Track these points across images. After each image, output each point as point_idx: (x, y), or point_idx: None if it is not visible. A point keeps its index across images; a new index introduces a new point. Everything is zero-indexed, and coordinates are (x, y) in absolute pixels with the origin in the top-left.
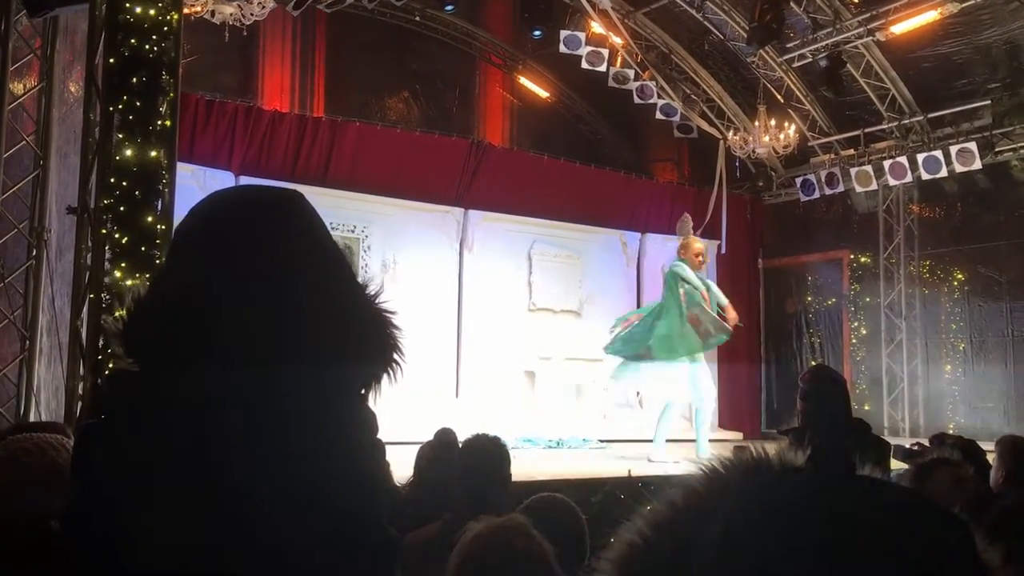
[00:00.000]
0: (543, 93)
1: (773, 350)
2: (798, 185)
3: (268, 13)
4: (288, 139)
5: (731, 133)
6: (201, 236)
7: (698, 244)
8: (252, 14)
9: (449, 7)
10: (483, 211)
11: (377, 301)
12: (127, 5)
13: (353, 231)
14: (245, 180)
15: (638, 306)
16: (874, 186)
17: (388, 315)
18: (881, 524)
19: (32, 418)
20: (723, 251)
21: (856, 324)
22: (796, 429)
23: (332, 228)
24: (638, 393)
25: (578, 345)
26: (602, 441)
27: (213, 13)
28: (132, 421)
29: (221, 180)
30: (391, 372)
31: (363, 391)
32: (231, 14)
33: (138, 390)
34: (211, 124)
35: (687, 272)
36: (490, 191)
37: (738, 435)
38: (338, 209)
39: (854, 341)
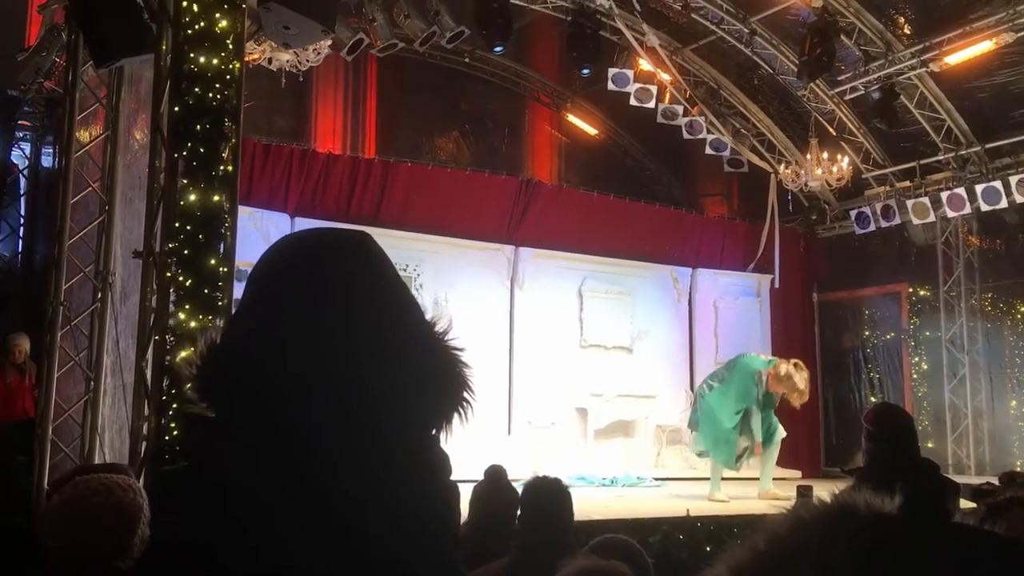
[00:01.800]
0: (591, 130)
1: (831, 386)
2: (853, 218)
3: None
4: (342, 180)
5: (782, 166)
6: (274, 280)
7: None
8: (308, 60)
9: (498, 48)
10: (533, 248)
11: (446, 339)
12: (191, 55)
13: (405, 270)
14: (300, 221)
15: (690, 342)
16: (931, 218)
17: (457, 352)
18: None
19: (96, 458)
20: (777, 285)
21: (916, 359)
22: (862, 469)
23: None
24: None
25: (630, 381)
26: (656, 479)
27: (270, 60)
28: (209, 468)
29: (277, 222)
30: (462, 411)
31: (435, 431)
32: (288, 61)
33: (215, 436)
34: (268, 167)
35: (756, 390)
36: (540, 228)
37: (796, 473)
38: (390, 248)
39: (915, 376)
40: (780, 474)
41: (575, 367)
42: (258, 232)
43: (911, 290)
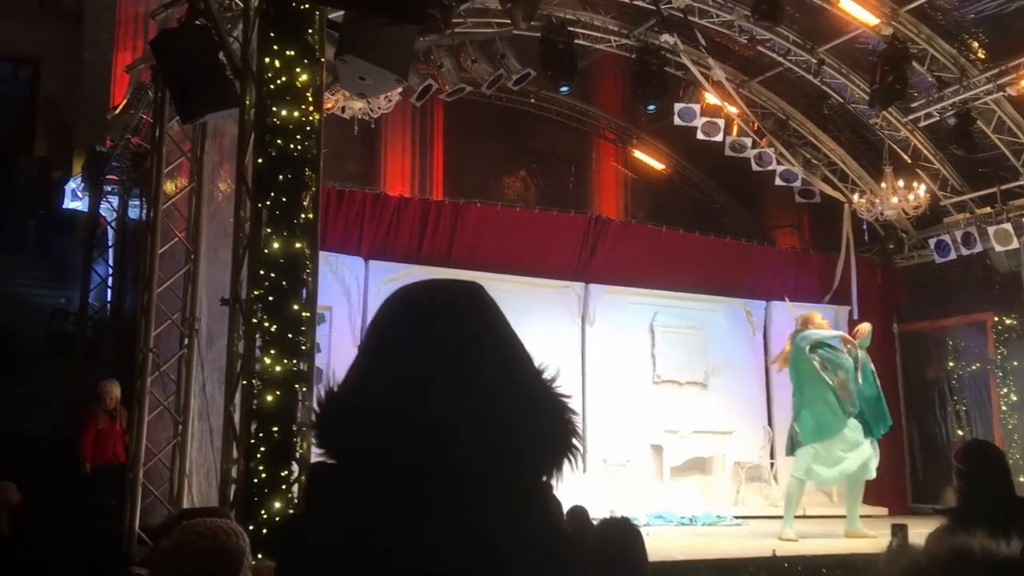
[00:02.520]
0: (658, 165)
1: (915, 419)
2: (932, 246)
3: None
4: (413, 222)
5: (856, 196)
6: (392, 330)
7: (819, 317)
8: (379, 108)
9: (564, 88)
10: (604, 285)
11: (554, 386)
12: (274, 109)
13: None
14: (374, 264)
15: (766, 377)
16: (1015, 244)
17: (565, 400)
18: None
19: (185, 500)
20: (855, 317)
21: (1005, 390)
22: (957, 510)
23: None
24: (772, 465)
25: (705, 417)
26: (736, 518)
27: (344, 109)
28: (333, 516)
29: (351, 265)
30: (572, 458)
31: (546, 477)
32: (360, 109)
33: (337, 484)
34: (342, 212)
35: (816, 333)
36: (610, 265)
37: (883, 511)
38: None
39: (1004, 408)
40: (865, 511)
41: (649, 403)
42: (333, 276)
43: (996, 319)
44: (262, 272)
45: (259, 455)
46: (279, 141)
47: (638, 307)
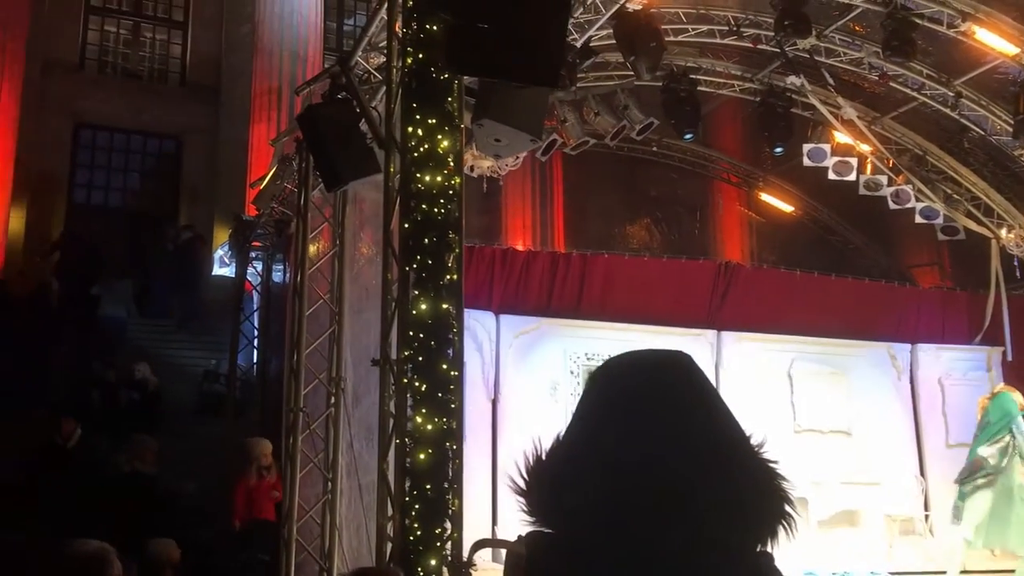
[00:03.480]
0: (787, 207)
1: None
2: None
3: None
4: (542, 275)
5: (1003, 231)
6: (600, 401)
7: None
8: (507, 165)
9: (688, 136)
10: (737, 332)
11: (762, 451)
12: (418, 175)
13: None
14: (504, 318)
15: (916, 423)
16: None
17: (773, 466)
18: None
19: (336, 556)
20: (1010, 358)
21: None
22: None
23: (587, 359)
24: (927, 518)
25: (851, 467)
26: (892, 574)
27: (472, 168)
28: None
29: (483, 320)
30: (787, 525)
31: (761, 545)
32: (489, 167)
33: (560, 555)
34: (472, 268)
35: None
36: (742, 311)
37: None
38: (591, 340)
39: None
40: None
41: (790, 453)
42: (466, 331)
43: None
44: (411, 333)
45: (413, 512)
46: (424, 206)
47: (774, 353)
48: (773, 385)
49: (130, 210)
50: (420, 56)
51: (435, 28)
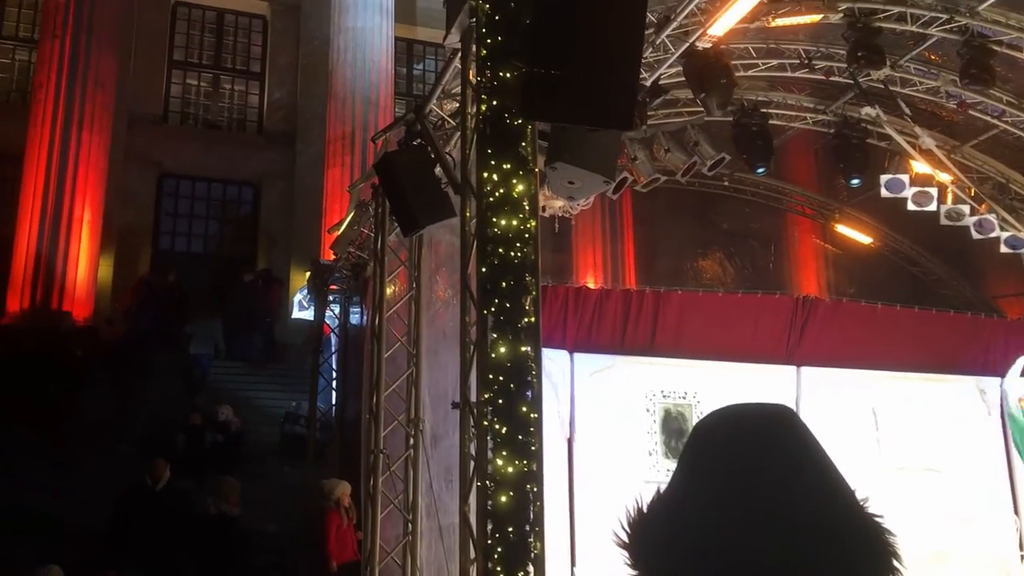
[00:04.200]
0: (864, 239)
1: None
2: None
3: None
4: (615, 313)
5: None
6: (702, 457)
7: None
8: (579, 204)
9: (760, 170)
10: (816, 367)
11: (866, 506)
12: (494, 219)
13: (684, 397)
14: (579, 356)
15: (1008, 460)
16: None
17: (879, 520)
18: None
19: None
20: None
21: None
22: None
23: (663, 396)
24: (1022, 558)
25: (942, 506)
26: None
27: (544, 208)
28: None
29: (557, 359)
30: None
31: None
32: (560, 207)
33: None
34: (545, 307)
35: None
36: (822, 346)
37: None
38: (667, 377)
39: None
40: None
41: (877, 492)
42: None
43: None
44: (490, 376)
45: (496, 555)
46: (500, 250)
47: (856, 389)
48: (857, 421)
49: (211, 255)
50: (494, 103)
51: (508, 76)
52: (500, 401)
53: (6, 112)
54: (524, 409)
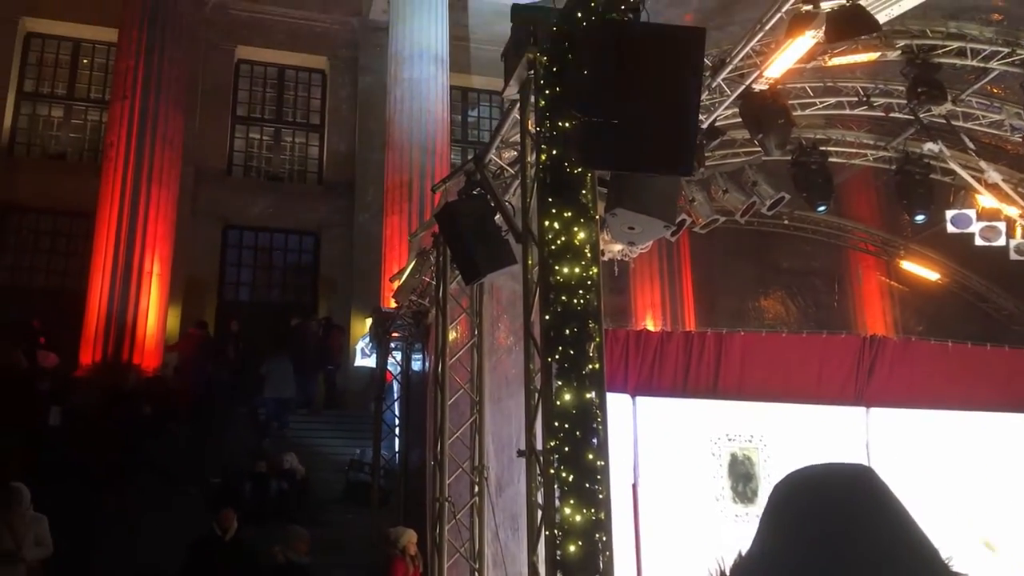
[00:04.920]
0: (931, 275)
1: None
2: None
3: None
4: (677, 356)
5: None
6: (787, 514)
7: None
8: (638, 248)
9: (821, 208)
10: (887, 407)
11: (951, 566)
12: (556, 267)
13: (751, 441)
14: (641, 400)
15: None
16: None
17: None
18: None
19: None
20: None
21: None
22: None
23: (728, 440)
24: None
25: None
26: None
27: (603, 252)
28: None
29: (619, 403)
30: None
31: None
32: (619, 250)
33: None
34: (607, 351)
35: None
36: (891, 386)
37: None
38: (732, 420)
39: None
40: None
41: (954, 533)
42: None
43: None
44: (555, 423)
45: None
46: (563, 297)
47: (928, 429)
48: (931, 463)
49: (273, 304)
50: (554, 152)
51: (567, 125)
52: (566, 449)
53: (79, 170)
54: (591, 456)
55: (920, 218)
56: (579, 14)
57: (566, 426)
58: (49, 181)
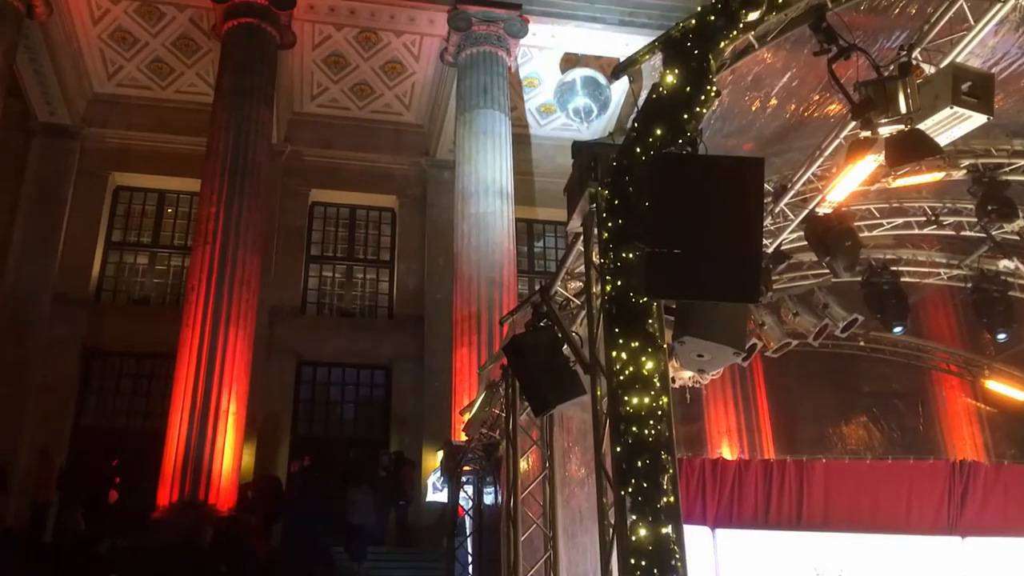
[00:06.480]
0: (1020, 395)
1: None
2: None
3: None
4: (757, 486)
5: None
6: None
7: None
8: (709, 375)
9: (898, 329)
10: (983, 536)
11: None
12: (625, 398)
13: (841, 575)
14: (720, 532)
15: None
16: None
17: None
18: None
19: None
20: None
21: None
22: None
23: (816, 574)
24: None
25: None
26: None
27: (674, 379)
28: None
29: (698, 536)
30: None
31: None
32: (690, 377)
33: None
34: (682, 482)
35: None
36: (987, 514)
37: None
38: (818, 553)
39: None
40: None
41: None
42: None
43: None
44: (632, 561)
45: None
46: (634, 428)
47: None
48: None
49: (345, 439)
50: (618, 283)
51: (631, 256)
52: None
53: (162, 314)
54: None
55: (1002, 336)
56: (638, 149)
57: (643, 563)
58: (133, 325)
